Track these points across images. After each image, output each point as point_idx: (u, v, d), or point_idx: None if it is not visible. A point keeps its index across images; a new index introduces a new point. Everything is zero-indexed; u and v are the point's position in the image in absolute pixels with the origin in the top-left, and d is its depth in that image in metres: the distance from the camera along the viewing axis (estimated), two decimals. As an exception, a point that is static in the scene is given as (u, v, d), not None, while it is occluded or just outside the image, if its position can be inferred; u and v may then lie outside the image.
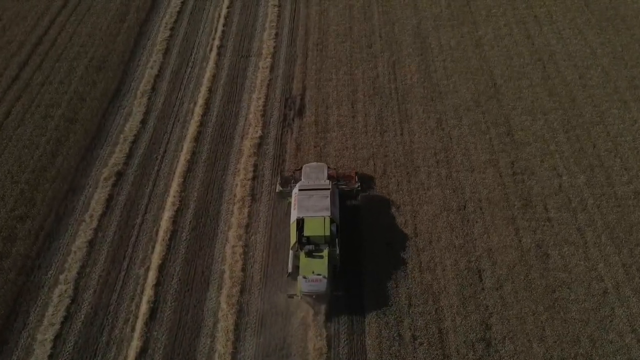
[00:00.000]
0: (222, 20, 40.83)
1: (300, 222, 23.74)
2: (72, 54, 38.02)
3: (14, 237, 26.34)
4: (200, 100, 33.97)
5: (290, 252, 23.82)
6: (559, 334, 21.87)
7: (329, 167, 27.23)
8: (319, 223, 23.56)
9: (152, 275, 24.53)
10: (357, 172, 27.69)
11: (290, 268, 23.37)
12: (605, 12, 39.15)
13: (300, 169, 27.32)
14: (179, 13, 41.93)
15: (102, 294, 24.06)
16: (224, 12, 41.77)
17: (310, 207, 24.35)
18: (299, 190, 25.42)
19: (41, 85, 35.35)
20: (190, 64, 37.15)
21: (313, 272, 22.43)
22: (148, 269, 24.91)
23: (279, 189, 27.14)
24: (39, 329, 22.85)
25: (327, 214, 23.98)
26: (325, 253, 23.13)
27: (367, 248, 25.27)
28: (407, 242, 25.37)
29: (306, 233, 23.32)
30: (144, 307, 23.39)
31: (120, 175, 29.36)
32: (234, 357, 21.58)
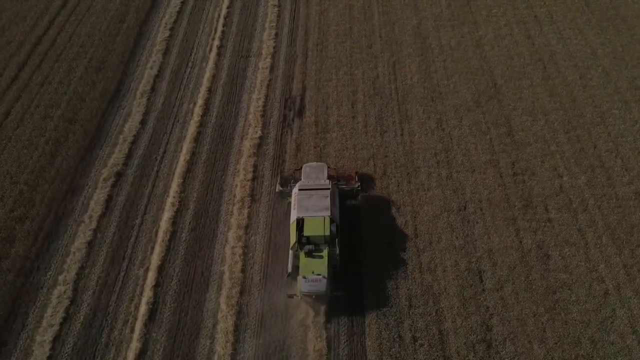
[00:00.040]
0: (221, 21, 40.77)
1: (300, 222, 23.68)
2: (72, 54, 37.97)
3: (13, 238, 26.27)
4: (200, 100, 33.90)
5: (290, 252, 23.75)
6: (560, 335, 21.79)
7: (328, 167, 27.17)
8: (318, 223, 23.50)
9: (151, 276, 24.46)
10: (357, 172, 27.63)
11: (290, 268, 23.30)
12: (605, 12, 39.09)
13: (300, 169, 27.26)
14: (179, 13, 41.87)
15: (101, 295, 23.98)
16: (223, 12, 41.70)
17: (310, 207, 24.30)
18: (299, 190, 25.37)
19: (40, 86, 35.29)
20: (190, 64, 37.08)
21: (313, 272, 22.37)
22: (147, 270, 24.84)
23: (278, 188, 27.07)
24: (37, 330, 22.76)
25: (327, 213, 23.93)
26: (325, 253, 23.08)
27: (367, 248, 25.20)
28: (407, 243, 25.29)
29: (306, 233, 23.26)
30: (143, 308, 23.31)
31: (119, 175, 29.29)
32: (233, 359, 21.49)
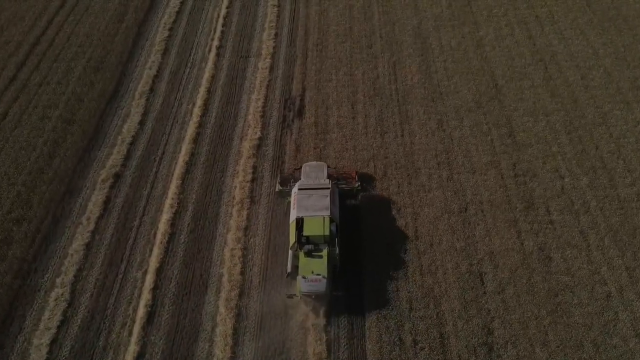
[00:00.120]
0: (221, 21, 40.61)
1: (299, 222, 23.55)
2: (70, 54, 37.79)
3: (10, 240, 26.07)
4: (199, 101, 33.72)
5: (290, 251, 23.62)
6: (562, 339, 21.59)
7: (328, 167, 27.03)
8: (318, 222, 23.37)
9: (149, 279, 24.27)
10: (357, 172, 27.49)
11: (289, 268, 23.17)
12: (607, 12, 38.90)
13: (300, 168, 27.15)
14: (178, 13, 41.71)
15: (99, 298, 23.79)
16: (223, 12, 41.54)
17: (310, 206, 24.17)
18: (299, 189, 25.27)
19: (38, 86, 35.10)
20: (189, 64, 36.90)
21: (312, 272, 22.23)
22: (146, 272, 24.65)
23: (278, 188, 26.96)
24: (35, 333, 22.58)
25: (327, 213, 23.79)
26: (324, 253, 22.95)
27: (367, 248, 25.03)
28: (407, 245, 25.10)
29: (306, 233, 23.14)
30: (141, 311, 23.12)
31: (117, 177, 29.11)
32: (232, 362, 21.36)
